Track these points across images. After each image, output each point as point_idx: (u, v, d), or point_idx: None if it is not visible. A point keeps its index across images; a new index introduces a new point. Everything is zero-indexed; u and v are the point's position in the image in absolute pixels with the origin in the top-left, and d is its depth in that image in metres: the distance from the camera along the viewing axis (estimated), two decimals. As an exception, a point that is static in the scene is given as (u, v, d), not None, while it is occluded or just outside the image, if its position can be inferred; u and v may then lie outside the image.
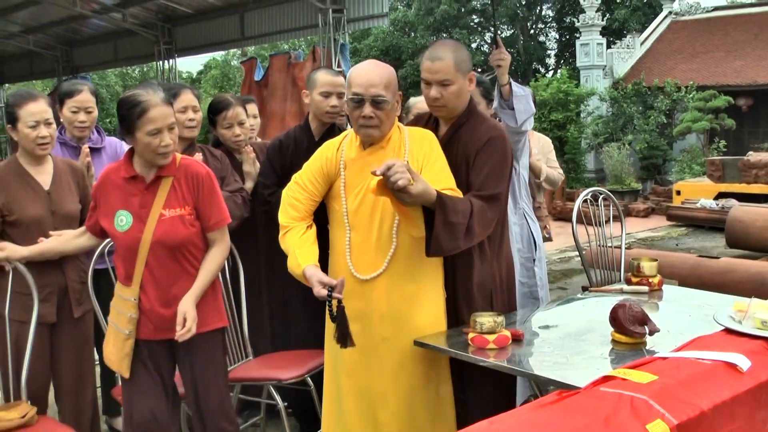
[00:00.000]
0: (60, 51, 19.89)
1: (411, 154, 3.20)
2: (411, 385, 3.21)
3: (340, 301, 2.98)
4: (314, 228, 3.29)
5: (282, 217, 3.31)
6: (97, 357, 4.14)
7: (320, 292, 2.98)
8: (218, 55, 30.87)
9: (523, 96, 3.81)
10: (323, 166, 3.28)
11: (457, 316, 3.32)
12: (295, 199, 3.29)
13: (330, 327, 3.33)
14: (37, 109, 3.64)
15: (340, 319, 3.01)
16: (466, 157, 3.28)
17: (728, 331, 2.59)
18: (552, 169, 5.36)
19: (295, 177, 3.36)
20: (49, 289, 3.67)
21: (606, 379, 2.18)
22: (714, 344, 2.45)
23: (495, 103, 3.92)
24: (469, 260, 3.29)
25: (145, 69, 30.94)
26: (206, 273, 3.28)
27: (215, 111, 4.34)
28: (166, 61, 16.47)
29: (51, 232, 3.61)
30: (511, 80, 3.77)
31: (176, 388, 3.43)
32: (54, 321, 3.72)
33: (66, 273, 3.73)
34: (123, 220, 3.20)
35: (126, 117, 3.11)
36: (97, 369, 4.02)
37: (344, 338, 3.05)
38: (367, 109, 3.11)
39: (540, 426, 1.86)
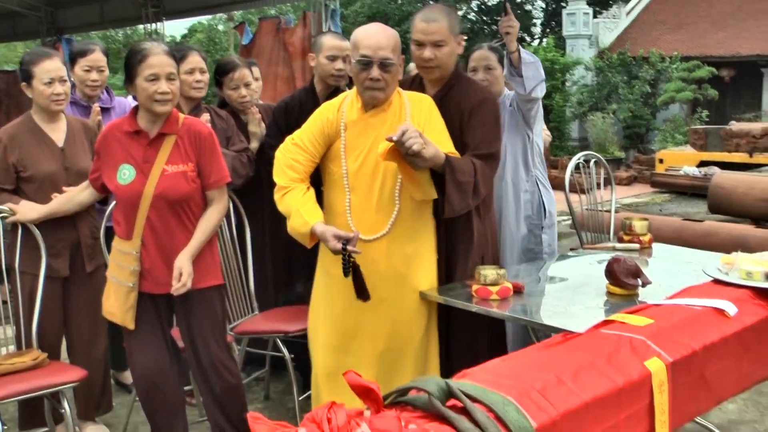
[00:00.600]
0: (44, 12, 19.48)
1: (412, 117, 3.25)
2: (405, 344, 3.29)
3: (351, 256, 3.03)
4: (312, 190, 3.30)
5: (280, 179, 3.29)
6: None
7: (336, 246, 3.02)
8: (204, 19, 30.59)
9: (532, 63, 3.78)
10: (324, 127, 3.29)
11: (449, 276, 3.41)
12: (294, 160, 3.28)
13: (320, 286, 3.42)
14: (53, 66, 3.74)
15: (356, 274, 3.07)
16: (460, 118, 3.36)
17: (716, 281, 2.76)
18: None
19: (293, 138, 3.36)
20: (62, 244, 3.78)
21: (606, 323, 2.35)
22: (703, 293, 2.62)
23: (505, 71, 3.93)
24: (468, 222, 3.38)
25: (129, 32, 30.63)
26: (203, 231, 3.37)
27: (222, 72, 4.46)
28: (152, 25, 16.27)
29: (64, 188, 3.72)
30: (520, 47, 3.77)
31: (175, 341, 3.55)
32: (67, 275, 3.84)
33: (78, 229, 3.83)
34: (126, 173, 3.28)
35: (128, 64, 3.25)
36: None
37: (362, 292, 3.10)
38: (375, 72, 3.15)
39: (548, 362, 2.02)
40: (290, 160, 3.29)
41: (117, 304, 3.36)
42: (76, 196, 3.64)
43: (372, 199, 3.23)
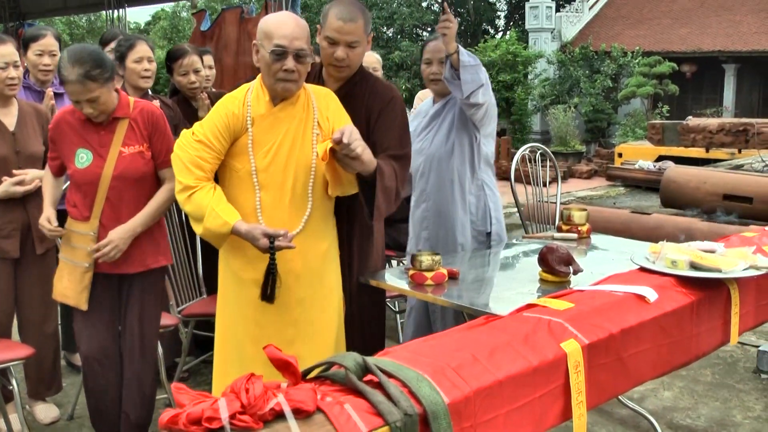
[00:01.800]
0: (7, -3, 19.37)
1: (320, 112, 3.14)
2: (323, 344, 3.20)
3: (274, 258, 2.93)
4: (220, 188, 3.10)
5: (186, 178, 3.05)
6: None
7: (266, 244, 2.91)
8: (167, 6, 30.47)
9: (471, 66, 3.58)
10: (229, 122, 3.08)
11: (351, 274, 3.37)
12: (200, 158, 3.06)
13: (228, 292, 3.23)
14: (7, 51, 3.79)
15: (274, 275, 2.97)
16: (368, 116, 3.27)
17: (642, 269, 2.87)
18: None
19: (194, 134, 3.12)
20: (12, 226, 3.81)
21: (529, 306, 2.44)
22: (628, 280, 2.72)
23: (445, 72, 3.69)
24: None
25: (92, 18, 30.40)
26: (151, 206, 3.40)
27: (172, 59, 4.56)
28: (114, 11, 16.14)
29: (15, 171, 3.76)
30: (461, 48, 3.59)
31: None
32: (17, 257, 3.87)
33: (29, 211, 3.86)
34: (84, 157, 3.33)
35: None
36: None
37: (271, 294, 3.00)
38: (290, 63, 2.99)
39: (467, 342, 2.11)
40: (195, 157, 3.07)
41: (71, 285, 3.40)
42: (57, 187, 3.54)
43: (284, 197, 3.09)
